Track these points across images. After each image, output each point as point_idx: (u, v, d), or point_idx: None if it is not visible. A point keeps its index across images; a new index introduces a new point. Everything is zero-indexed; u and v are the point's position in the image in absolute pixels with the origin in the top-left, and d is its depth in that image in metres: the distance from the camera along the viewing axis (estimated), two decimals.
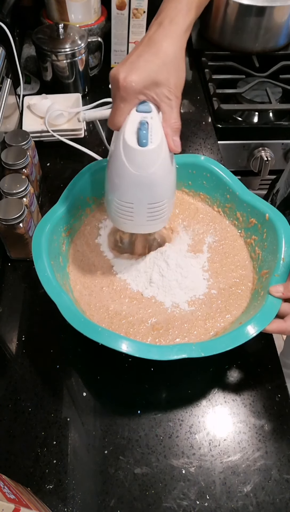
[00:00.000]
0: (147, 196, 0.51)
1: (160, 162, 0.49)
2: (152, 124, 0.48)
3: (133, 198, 0.51)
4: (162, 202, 0.53)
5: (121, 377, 0.58)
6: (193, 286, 0.61)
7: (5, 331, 0.63)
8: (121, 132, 0.48)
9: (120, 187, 0.51)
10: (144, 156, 0.48)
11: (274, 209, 0.63)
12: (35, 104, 0.91)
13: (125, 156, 0.48)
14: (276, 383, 0.58)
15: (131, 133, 0.47)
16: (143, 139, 0.47)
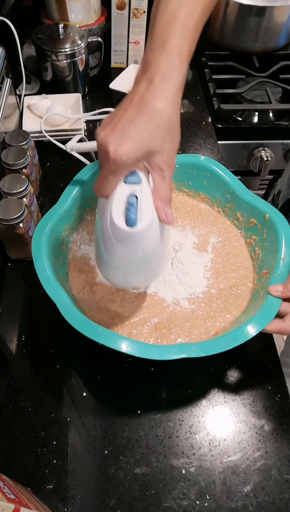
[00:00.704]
0: (136, 265, 0.49)
1: (150, 238, 0.45)
2: (142, 198, 0.44)
3: (122, 267, 0.49)
4: (153, 266, 0.50)
5: (121, 377, 0.58)
6: (192, 283, 0.61)
7: (5, 331, 0.63)
8: (108, 207, 0.44)
9: (109, 257, 0.48)
10: (133, 236, 0.44)
11: (274, 209, 0.63)
12: (35, 104, 0.91)
13: (113, 234, 0.45)
14: (276, 383, 0.58)
15: (118, 211, 0.44)
16: (131, 219, 0.43)
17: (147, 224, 0.44)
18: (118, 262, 0.48)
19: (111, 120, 0.42)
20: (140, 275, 0.51)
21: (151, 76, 0.41)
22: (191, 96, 1.06)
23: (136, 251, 0.46)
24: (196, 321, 0.58)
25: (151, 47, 0.43)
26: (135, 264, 0.48)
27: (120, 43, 1.07)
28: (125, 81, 1.02)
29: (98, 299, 0.60)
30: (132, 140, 0.40)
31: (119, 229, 0.44)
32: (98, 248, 0.50)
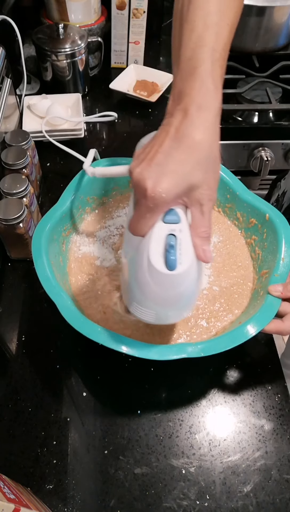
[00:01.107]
0: (173, 306, 0.46)
1: (190, 279, 0.43)
2: (181, 238, 0.41)
3: (156, 308, 0.45)
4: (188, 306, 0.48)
5: (121, 377, 0.58)
6: None
7: (5, 331, 0.63)
8: (144, 248, 0.41)
9: (143, 297, 0.45)
10: (172, 280, 0.41)
11: (274, 209, 0.63)
12: (35, 104, 0.91)
13: (151, 277, 0.41)
14: (276, 383, 0.58)
15: (157, 252, 0.41)
16: (172, 262, 0.40)
17: (188, 267, 0.41)
18: (153, 303, 0.45)
19: (146, 153, 0.39)
20: (175, 313, 0.48)
21: (186, 106, 0.38)
22: None
23: (174, 293, 0.43)
24: (199, 320, 0.58)
25: (181, 75, 0.40)
26: (172, 305, 0.45)
27: (120, 43, 1.07)
28: (125, 81, 1.02)
29: (99, 299, 0.60)
30: (171, 175, 0.37)
31: (158, 273, 0.41)
32: (129, 288, 0.46)
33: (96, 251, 0.65)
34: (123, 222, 0.69)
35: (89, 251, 0.65)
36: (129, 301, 0.47)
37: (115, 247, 0.66)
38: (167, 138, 0.38)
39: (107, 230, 0.68)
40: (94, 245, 0.66)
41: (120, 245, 0.66)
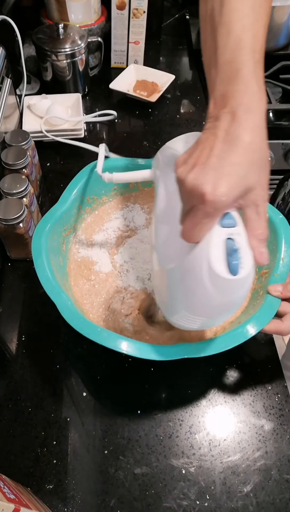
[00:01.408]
0: (223, 312, 0.45)
1: (249, 283, 0.42)
2: (240, 242, 0.40)
3: (209, 315, 0.45)
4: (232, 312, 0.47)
5: (121, 377, 0.58)
6: None
7: (5, 331, 0.63)
8: (203, 254, 0.40)
9: (196, 306, 0.44)
10: (234, 284, 0.40)
11: (274, 209, 0.63)
12: (35, 104, 0.91)
13: (211, 283, 0.40)
14: (276, 383, 0.58)
15: (218, 258, 0.39)
16: (234, 267, 0.39)
17: (249, 270, 0.40)
18: (209, 310, 0.44)
19: (195, 158, 0.38)
20: (224, 318, 0.48)
21: (233, 109, 0.38)
22: (191, 96, 1.06)
23: (233, 298, 0.42)
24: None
25: (221, 78, 0.40)
26: (227, 311, 0.45)
27: (120, 43, 1.07)
28: (125, 81, 1.02)
29: (98, 299, 0.60)
30: (229, 179, 0.36)
31: (221, 279, 0.39)
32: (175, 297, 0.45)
33: (94, 255, 0.65)
34: (120, 225, 0.69)
35: (87, 255, 0.65)
36: (175, 310, 0.46)
37: (111, 251, 0.66)
38: (217, 142, 0.38)
39: (105, 233, 0.68)
40: (93, 249, 0.66)
41: (116, 249, 0.66)
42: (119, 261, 0.65)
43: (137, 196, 0.73)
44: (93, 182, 0.67)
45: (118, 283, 0.62)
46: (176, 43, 1.24)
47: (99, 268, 0.64)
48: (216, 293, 0.40)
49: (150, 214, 0.71)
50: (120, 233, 0.68)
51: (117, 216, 0.71)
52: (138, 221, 0.70)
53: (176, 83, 1.06)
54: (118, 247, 0.67)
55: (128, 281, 0.62)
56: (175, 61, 1.19)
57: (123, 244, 0.67)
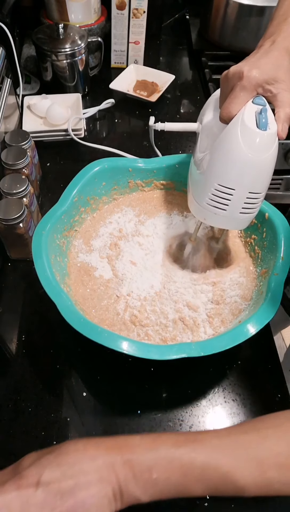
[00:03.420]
0: (251, 183, 0.52)
1: (272, 149, 0.51)
2: (268, 114, 0.50)
3: (237, 183, 0.52)
4: (260, 194, 0.54)
5: (121, 377, 0.58)
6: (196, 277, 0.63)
7: (5, 331, 0.63)
8: (238, 117, 0.50)
9: (226, 169, 0.52)
10: (261, 139, 0.49)
11: (274, 208, 0.63)
12: (35, 104, 0.91)
13: (242, 138, 0.49)
14: (276, 383, 0.58)
15: (250, 117, 0.50)
16: (263, 123, 0.49)
17: (274, 132, 0.50)
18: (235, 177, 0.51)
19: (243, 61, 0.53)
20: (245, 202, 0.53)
21: (274, 38, 0.53)
22: (191, 96, 1.06)
23: (260, 158, 0.50)
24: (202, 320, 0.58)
25: (274, 23, 0.55)
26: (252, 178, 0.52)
27: (120, 43, 1.07)
28: (125, 81, 1.02)
29: (98, 299, 0.60)
30: (262, 67, 0.51)
31: (251, 131, 0.49)
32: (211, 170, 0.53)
33: (93, 261, 0.65)
34: (114, 230, 0.68)
35: (86, 260, 0.65)
36: (206, 189, 0.54)
37: (108, 257, 0.65)
38: (258, 53, 0.53)
39: (102, 239, 0.67)
40: (91, 254, 0.65)
41: (114, 256, 0.65)
42: (119, 268, 0.64)
43: (137, 197, 0.73)
44: (93, 182, 0.67)
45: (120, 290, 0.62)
46: (176, 43, 1.24)
47: (98, 275, 0.63)
48: (246, 146, 0.49)
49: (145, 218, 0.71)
50: (116, 239, 0.67)
51: (111, 221, 0.70)
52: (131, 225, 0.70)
53: (176, 83, 1.06)
54: (118, 255, 0.66)
55: (131, 288, 0.62)
56: (175, 61, 1.19)
57: (122, 250, 0.66)
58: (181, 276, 0.63)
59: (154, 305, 0.60)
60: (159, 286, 0.62)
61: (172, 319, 0.58)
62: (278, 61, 0.51)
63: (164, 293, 0.61)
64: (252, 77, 0.50)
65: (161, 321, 0.58)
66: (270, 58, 0.51)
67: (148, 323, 0.58)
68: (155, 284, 0.62)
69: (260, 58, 0.52)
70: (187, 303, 0.60)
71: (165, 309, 0.59)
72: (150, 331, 0.57)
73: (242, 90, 0.51)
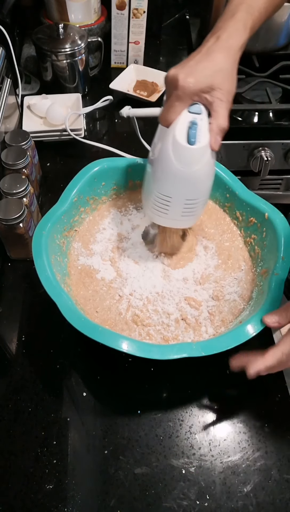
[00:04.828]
0: (186, 191, 0.54)
1: (204, 161, 0.52)
2: (201, 125, 0.50)
3: (173, 192, 0.54)
4: (198, 200, 0.55)
5: (121, 377, 0.58)
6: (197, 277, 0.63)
7: (5, 331, 0.63)
8: (171, 129, 0.51)
9: (162, 180, 0.54)
10: (191, 154, 0.51)
11: (274, 208, 0.63)
12: (35, 104, 0.91)
13: (173, 152, 0.51)
14: (276, 383, 0.58)
15: (181, 131, 0.50)
16: (192, 138, 0.50)
17: (204, 145, 0.50)
18: (171, 184, 0.53)
19: (180, 65, 0.51)
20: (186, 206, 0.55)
21: (219, 35, 0.51)
22: None
23: (191, 171, 0.52)
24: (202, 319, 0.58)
25: (222, 18, 0.53)
26: (186, 188, 0.54)
27: (120, 43, 1.07)
28: (125, 81, 1.02)
29: (99, 299, 0.60)
30: (198, 73, 0.49)
31: (180, 145, 0.50)
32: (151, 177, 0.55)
33: (95, 264, 0.64)
34: (112, 236, 0.68)
35: (88, 263, 0.64)
36: (149, 193, 0.57)
37: (111, 259, 0.65)
38: (198, 54, 0.51)
39: (102, 242, 0.67)
40: (92, 257, 0.65)
41: (117, 257, 0.65)
42: (123, 268, 0.64)
43: (136, 196, 0.73)
44: (93, 182, 0.67)
45: (123, 290, 0.61)
46: (176, 43, 1.24)
47: (100, 277, 0.63)
48: (177, 161, 0.51)
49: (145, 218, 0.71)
50: (116, 245, 0.67)
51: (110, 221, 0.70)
52: (135, 222, 0.70)
53: None
54: (120, 255, 0.65)
55: (133, 287, 0.62)
56: (175, 61, 1.19)
57: (124, 250, 0.66)
58: (182, 273, 0.63)
59: (156, 305, 0.60)
60: (161, 285, 0.62)
61: (174, 319, 0.58)
62: (218, 65, 0.50)
63: (166, 292, 0.61)
64: (187, 86, 0.49)
65: (163, 321, 0.58)
66: (210, 61, 0.50)
67: (150, 323, 0.58)
68: (157, 283, 0.62)
69: (199, 62, 0.50)
70: (189, 300, 0.60)
71: (167, 308, 0.59)
72: (151, 330, 0.57)
73: (177, 99, 0.50)
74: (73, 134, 0.88)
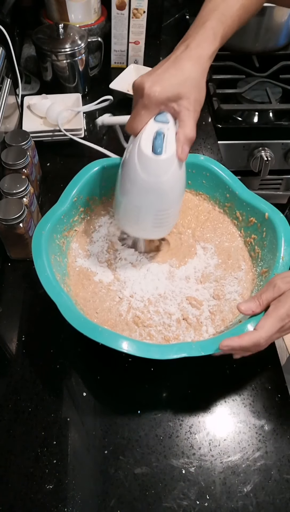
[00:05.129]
0: (155, 203, 0.52)
1: (171, 172, 0.50)
2: (168, 135, 0.49)
3: (141, 204, 0.52)
4: (168, 211, 0.53)
5: (121, 377, 0.58)
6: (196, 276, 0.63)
7: (5, 331, 0.63)
8: (137, 139, 0.50)
9: (130, 191, 0.52)
10: (156, 164, 0.49)
11: (274, 208, 0.63)
12: (35, 104, 0.91)
13: (139, 163, 0.49)
14: (276, 383, 0.58)
15: (147, 141, 0.49)
16: (158, 148, 0.48)
17: (171, 155, 0.49)
18: (137, 196, 0.51)
19: (149, 72, 0.50)
20: (155, 219, 0.54)
21: (188, 43, 0.51)
22: None
23: (157, 182, 0.50)
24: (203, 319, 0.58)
25: (193, 26, 0.52)
26: (153, 200, 0.52)
27: (120, 43, 1.07)
28: (125, 81, 1.02)
29: (99, 299, 0.60)
30: (164, 82, 0.48)
31: (145, 156, 0.48)
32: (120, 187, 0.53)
33: (92, 266, 0.64)
34: (110, 236, 0.68)
35: (85, 265, 0.64)
36: (118, 204, 0.54)
37: (107, 260, 0.65)
38: (167, 62, 0.50)
39: (98, 245, 0.67)
40: (89, 259, 0.65)
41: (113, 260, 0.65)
42: (120, 272, 0.63)
43: None
44: (93, 182, 0.67)
45: (123, 292, 0.61)
46: (176, 43, 1.22)
47: (98, 280, 0.62)
48: (143, 171, 0.49)
49: None
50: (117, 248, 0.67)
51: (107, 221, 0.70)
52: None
53: None
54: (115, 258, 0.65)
55: (134, 289, 0.62)
56: None
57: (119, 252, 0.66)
58: (185, 270, 0.63)
59: (157, 306, 0.60)
60: (163, 286, 0.62)
61: (175, 319, 0.58)
62: (186, 73, 0.49)
63: (168, 293, 0.61)
64: (153, 95, 0.48)
65: (165, 321, 0.58)
66: (177, 70, 0.49)
67: (151, 324, 0.58)
68: (159, 285, 0.62)
69: (167, 69, 0.49)
70: (190, 299, 0.60)
71: (169, 308, 0.59)
72: (153, 331, 0.57)
73: (143, 108, 0.49)
74: (70, 134, 0.88)
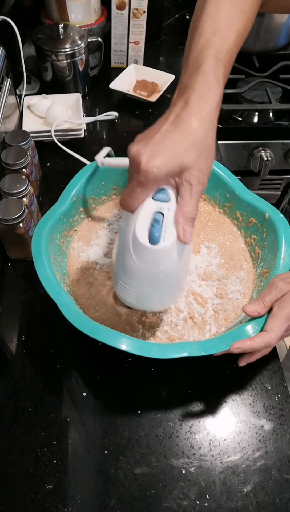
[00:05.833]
0: (152, 288, 0.47)
1: (170, 261, 0.44)
2: (168, 216, 0.42)
3: (138, 287, 0.47)
4: (171, 291, 0.49)
5: (121, 377, 0.58)
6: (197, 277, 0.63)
7: (5, 331, 0.63)
8: (132, 221, 0.43)
9: (126, 274, 0.46)
10: (153, 254, 0.43)
11: (274, 208, 0.63)
12: (35, 104, 0.91)
13: (134, 250, 0.43)
14: (276, 383, 0.58)
15: (143, 226, 0.43)
16: (155, 237, 0.42)
17: (170, 244, 0.42)
18: (134, 280, 0.46)
19: (145, 135, 0.43)
20: (155, 298, 0.48)
21: (187, 97, 0.42)
22: None
23: (155, 271, 0.44)
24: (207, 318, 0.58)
25: (187, 71, 0.44)
26: (152, 285, 0.46)
27: (120, 43, 1.07)
28: (125, 81, 1.02)
29: (99, 298, 0.60)
30: (165, 154, 0.40)
31: (141, 246, 0.42)
32: (115, 264, 0.48)
33: (96, 257, 0.64)
34: (110, 236, 0.68)
35: (88, 258, 0.64)
36: (115, 279, 0.49)
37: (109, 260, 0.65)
38: (166, 123, 0.42)
39: (103, 238, 0.67)
40: (89, 259, 0.65)
41: None
42: None
43: None
44: (92, 182, 0.67)
45: None
46: (176, 43, 1.24)
47: (100, 268, 0.63)
48: (138, 260, 0.43)
49: None
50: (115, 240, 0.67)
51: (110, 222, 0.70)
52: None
53: (176, 83, 1.05)
54: None
55: None
56: (175, 61, 1.19)
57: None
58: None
59: None
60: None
61: (183, 318, 0.58)
62: (189, 137, 0.40)
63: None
64: (150, 172, 0.40)
65: (172, 320, 0.58)
66: (179, 135, 0.40)
67: (158, 323, 0.58)
68: None
69: (166, 135, 0.41)
70: (196, 296, 0.60)
71: (178, 304, 0.59)
72: (158, 332, 0.57)
73: (139, 186, 0.42)
74: (72, 134, 0.88)
